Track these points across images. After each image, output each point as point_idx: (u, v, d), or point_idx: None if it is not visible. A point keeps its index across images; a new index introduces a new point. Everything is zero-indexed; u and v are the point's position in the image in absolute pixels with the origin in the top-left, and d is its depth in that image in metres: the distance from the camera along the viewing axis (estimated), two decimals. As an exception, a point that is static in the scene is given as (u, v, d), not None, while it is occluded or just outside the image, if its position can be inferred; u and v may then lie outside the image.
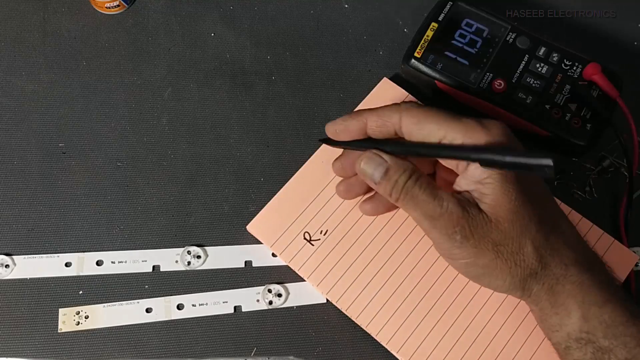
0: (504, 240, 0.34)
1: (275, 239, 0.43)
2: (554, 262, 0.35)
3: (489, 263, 0.35)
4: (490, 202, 0.34)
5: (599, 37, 0.52)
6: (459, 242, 0.34)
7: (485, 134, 0.34)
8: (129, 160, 0.47)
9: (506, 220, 0.34)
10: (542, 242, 0.35)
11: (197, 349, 0.42)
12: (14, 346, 0.41)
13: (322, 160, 0.46)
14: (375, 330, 0.41)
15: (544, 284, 0.35)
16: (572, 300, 0.35)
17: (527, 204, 0.34)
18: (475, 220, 0.34)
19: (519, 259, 0.35)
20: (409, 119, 0.36)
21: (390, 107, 0.38)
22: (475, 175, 0.35)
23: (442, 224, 0.34)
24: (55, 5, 0.51)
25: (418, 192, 0.35)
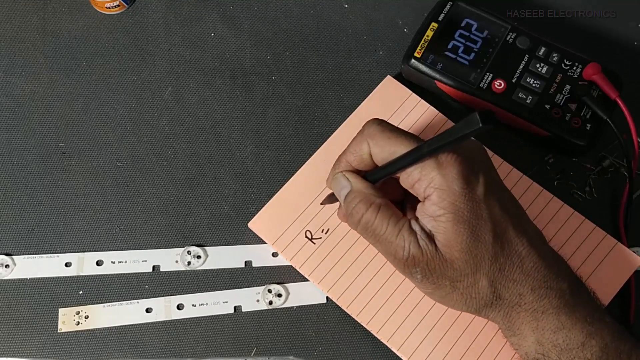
0: (459, 277, 0.35)
1: (276, 236, 0.43)
2: (508, 293, 0.35)
3: (446, 295, 0.36)
4: (444, 240, 0.35)
5: (599, 37, 0.52)
6: (419, 279, 0.36)
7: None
8: (129, 160, 0.47)
9: (460, 259, 0.35)
10: (496, 275, 0.35)
11: (197, 349, 0.42)
12: (14, 346, 0.41)
13: (324, 159, 0.46)
14: (375, 328, 0.41)
15: (500, 312, 0.36)
16: (526, 326, 0.36)
17: (480, 241, 0.35)
18: (432, 261, 0.35)
19: (474, 292, 0.36)
20: (374, 148, 0.37)
21: (356, 139, 0.38)
22: (430, 211, 0.35)
23: (404, 264, 0.36)
24: (55, 5, 0.51)
25: (379, 229, 0.36)
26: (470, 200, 0.34)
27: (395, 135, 0.36)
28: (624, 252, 0.43)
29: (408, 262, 0.35)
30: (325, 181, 0.45)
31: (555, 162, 0.48)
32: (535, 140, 0.47)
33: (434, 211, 0.35)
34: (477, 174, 0.35)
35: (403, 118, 0.47)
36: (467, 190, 0.34)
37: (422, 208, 0.36)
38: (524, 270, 0.35)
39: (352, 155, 0.38)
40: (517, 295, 0.35)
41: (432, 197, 0.35)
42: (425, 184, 0.35)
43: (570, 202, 0.45)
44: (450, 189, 0.34)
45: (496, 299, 0.36)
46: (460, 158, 0.35)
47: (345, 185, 0.38)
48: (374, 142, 0.37)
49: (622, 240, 0.45)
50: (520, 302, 0.35)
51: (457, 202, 0.34)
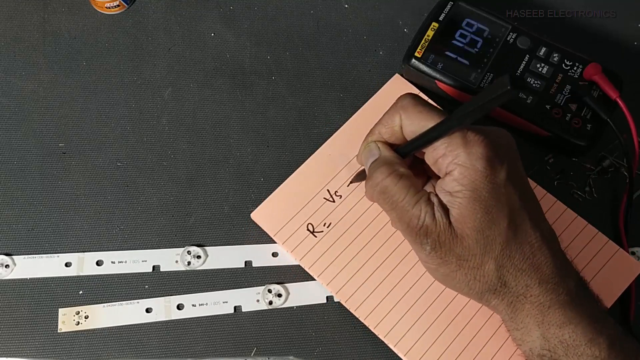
0: (467, 255, 0.35)
1: (278, 228, 0.43)
2: (515, 282, 0.35)
3: (450, 273, 0.36)
4: (457, 216, 0.35)
5: (599, 37, 0.52)
6: (427, 251, 0.36)
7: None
8: (129, 160, 0.47)
9: (470, 237, 0.35)
10: (504, 261, 0.35)
11: (197, 349, 0.42)
12: (14, 346, 0.41)
13: (329, 153, 0.46)
14: (373, 323, 0.41)
15: (503, 300, 0.36)
16: (531, 319, 0.35)
17: (494, 223, 0.35)
18: (444, 234, 0.35)
19: (479, 274, 0.35)
20: (406, 121, 0.37)
21: (389, 111, 0.38)
22: (449, 186, 0.35)
23: (416, 233, 0.36)
24: (55, 5, 0.51)
25: (398, 196, 0.36)
26: (491, 182, 0.35)
27: (427, 110, 0.37)
28: (626, 258, 0.43)
29: (420, 231, 0.36)
30: (329, 176, 0.45)
31: (555, 162, 0.48)
32: (536, 140, 0.47)
33: (453, 187, 0.35)
34: (502, 160, 0.35)
35: None
36: (489, 172, 0.34)
37: (441, 183, 0.36)
38: (534, 262, 0.35)
39: (384, 127, 0.39)
40: (523, 286, 0.35)
41: (453, 172, 0.35)
42: (449, 159, 0.35)
43: (570, 202, 0.45)
44: (473, 167, 0.34)
45: (501, 285, 0.35)
46: (487, 140, 0.35)
47: (375, 154, 0.39)
48: (406, 115, 0.37)
49: (622, 240, 0.45)
50: (526, 294, 0.35)
51: (477, 180, 0.34)
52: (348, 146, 0.46)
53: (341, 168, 0.45)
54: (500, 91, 0.31)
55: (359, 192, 0.45)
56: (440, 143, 0.35)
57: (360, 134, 0.46)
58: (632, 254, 0.45)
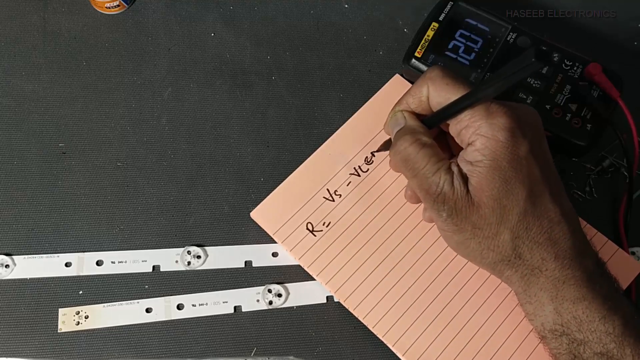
0: (482, 224, 0.36)
1: (278, 227, 0.43)
2: (530, 254, 0.35)
3: (464, 241, 0.37)
4: (476, 184, 0.35)
5: (599, 37, 0.52)
6: (444, 217, 0.36)
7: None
8: (129, 160, 0.47)
9: (487, 206, 0.35)
10: (521, 233, 0.35)
11: (197, 349, 0.42)
12: (14, 346, 0.41)
13: (329, 153, 0.46)
14: (371, 322, 0.41)
15: (517, 271, 0.36)
16: (544, 293, 0.35)
17: (512, 193, 0.35)
18: (461, 202, 0.36)
19: (493, 244, 0.36)
20: (433, 92, 0.38)
21: (418, 82, 0.39)
22: (470, 156, 0.36)
23: (434, 199, 0.36)
24: (55, 5, 0.51)
25: (419, 164, 0.37)
26: (512, 153, 0.35)
27: (454, 82, 0.37)
28: (626, 258, 0.43)
29: (438, 198, 0.36)
30: (328, 175, 0.45)
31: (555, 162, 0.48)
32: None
33: (474, 157, 0.35)
34: (525, 132, 0.35)
35: None
36: (510, 143, 0.35)
37: (463, 154, 0.36)
38: (552, 237, 0.35)
39: (411, 97, 0.39)
40: (539, 259, 0.35)
41: (475, 142, 0.35)
42: (472, 130, 0.35)
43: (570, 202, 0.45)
44: (494, 137, 0.35)
45: (515, 257, 0.36)
46: (510, 112, 0.35)
47: (400, 123, 0.39)
48: (434, 86, 0.37)
49: (622, 240, 0.45)
50: (542, 267, 0.35)
51: (497, 150, 0.35)
52: (348, 146, 0.46)
53: (341, 167, 0.45)
54: (525, 63, 0.31)
55: (358, 191, 0.45)
56: (464, 115, 0.36)
57: (360, 134, 0.46)
58: (632, 253, 0.45)
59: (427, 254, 0.43)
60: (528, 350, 0.41)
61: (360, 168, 0.46)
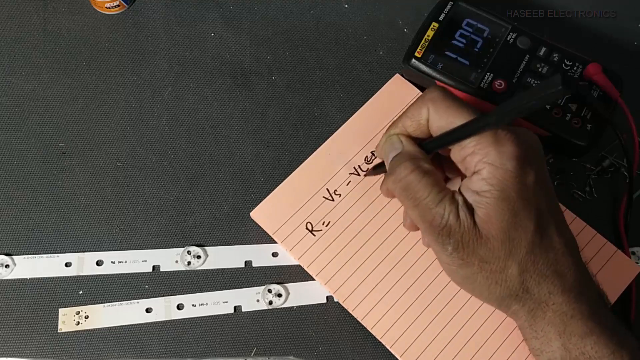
0: (490, 258, 0.34)
1: (277, 226, 0.43)
2: (538, 288, 0.34)
3: (471, 275, 0.35)
4: (483, 216, 0.34)
5: (599, 37, 0.52)
6: (449, 252, 0.34)
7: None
8: (129, 160, 0.47)
9: (496, 239, 0.34)
10: (528, 266, 0.34)
11: (197, 349, 0.42)
12: (14, 346, 0.41)
13: (328, 153, 0.46)
14: (370, 323, 0.41)
15: (524, 306, 0.35)
16: (552, 328, 0.34)
17: (520, 226, 0.34)
18: (467, 235, 0.34)
19: (501, 278, 0.34)
20: (434, 115, 0.35)
21: (416, 104, 0.37)
22: (477, 186, 0.34)
23: (438, 233, 0.34)
24: (55, 5, 0.51)
25: (422, 192, 0.35)
26: (520, 183, 0.33)
27: (456, 105, 0.35)
28: (624, 260, 0.43)
29: (444, 231, 0.34)
30: (328, 175, 0.45)
31: (555, 162, 0.48)
32: (536, 140, 0.47)
33: (481, 186, 0.33)
34: (532, 162, 0.34)
35: None
36: (519, 172, 0.33)
37: (467, 182, 0.34)
38: (558, 270, 0.34)
39: (409, 119, 0.37)
40: (546, 293, 0.34)
41: (482, 171, 0.33)
42: (479, 157, 0.33)
43: (570, 202, 0.45)
44: (503, 166, 0.33)
45: (523, 291, 0.34)
46: (518, 139, 0.33)
47: (397, 147, 0.37)
48: (434, 109, 0.35)
49: (622, 240, 0.45)
50: (549, 301, 0.34)
51: (506, 180, 0.33)
52: (348, 146, 0.46)
53: (341, 167, 0.45)
54: (551, 90, 0.28)
55: (358, 191, 0.45)
56: (470, 140, 0.34)
57: (360, 134, 0.46)
58: (632, 254, 0.45)
59: (426, 254, 0.43)
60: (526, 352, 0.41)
61: (360, 168, 0.46)
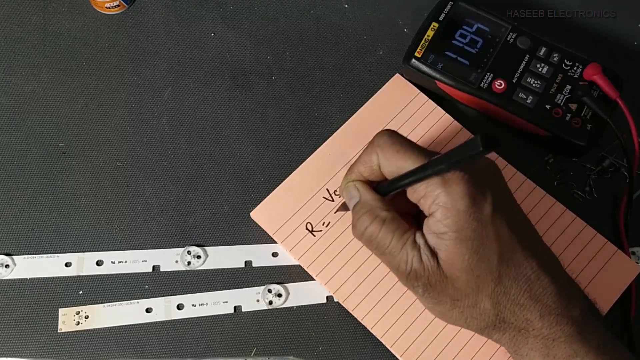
0: (459, 295, 0.35)
1: (277, 226, 0.43)
2: (514, 317, 0.34)
3: (446, 311, 0.36)
4: (445, 258, 0.34)
5: (599, 37, 0.52)
6: (420, 293, 0.36)
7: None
8: (129, 160, 0.47)
9: (461, 279, 0.34)
10: (500, 298, 0.34)
11: (197, 349, 0.42)
12: (14, 346, 0.41)
13: (328, 153, 0.46)
14: (370, 323, 0.41)
15: (504, 334, 0.35)
16: (535, 353, 0.34)
17: (482, 262, 0.34)
18: (433, 277, 0.35)
19: (475, 312, 0.35)
20: (383, 161, 0.36)
21: (367, 150, 0.37)
22: (434, 228, 0.34)
23: (406, 277, 0.36)
24: (55, 5, 0.51)
25: (384, 241, 0.36)
26: (475, 220, 0.33)
27: (404, 150, 0.35)
28: (624, 260, 0.43)
29: (410, 276, 0.35)
30: (328, 175, 0.45)
31: (555, 162, 0.48)
32: (536, 140, 0.47)
33: (438, 228, 0.34)
34: (485, 192, 0.34)
35: (409, 117, 0.47)
36: (472, 210, 0.33)
37: (427, 224, 0.35)
38: (532, 295, 0.34)
39: (362, 165, 0.38)
40: (524, 321, 0.34)
41: (436, 214, 0.34)
42: (430, 200, 0.34)
43: (570, 203, 0.45)
44: (454, 207, 0.33)
45: (499, 322, 0.35)
46: (467, 176, 0.33)
47: (355, 196, 0.38)
48: (383, 155, 0.36)
49: (622, 240, 0.45)
50: (528, 328, 0.34)
51: (460, 221, 0.33)
52: (348, 146, 0.46)
53: (341, 167, 0.45)
54: (473, 151, 0.30)
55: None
56: (419, 184, 0.34)
57: (360, 134, 0.46)
58: (632, 254, 0.45)
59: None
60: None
61: (360, 168, 0.46)
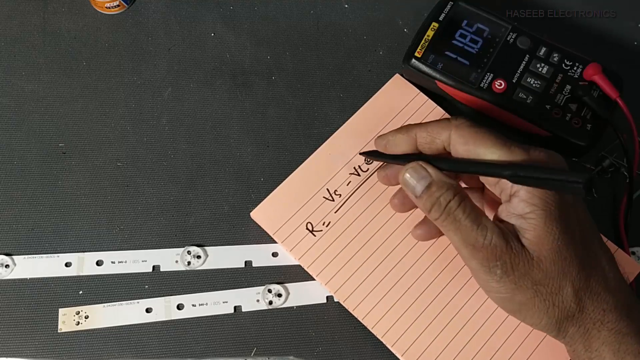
0: (544, 280, 0.33)
1: (278, 227, 0.43)
2: (593, 306, 0.34)
3: (527, 301, 0.34)
4: (532, 238, 0.33)
5: (599, 37, 0.52)
6: (498, 276, 0.34)
7: (524, 154, 0.34)
8: (129, 160, 0.47)
9: (548, 259, 0.33)
10: (582, 284, 0.34)
11: (197, 349, 0.42)
12: (14, 346, 0.41)
13: (329, 153, 0.46)
14: (371, 323, 0.41)
15: (580, 327, 0.34)
16: (607, 347, 0.34)
17: (570, 244, 0.33)
18: (517, 257, 0.33)
19: (558, 300, 0.34)
20: (458, 139, 0.36)
21: (439, 123, 0.37)
22: (518, 209, 0.33)
23: (483, 255, 0.33)
24: (55, 5, 0.51)
25: (461, 216, 0.34)
26: (561, 200, 0.33)
27: (484, 132, 0.35)
28: (625, 259, 0.43)
29: (489, 251, 0.33)
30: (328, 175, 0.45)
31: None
32: (536, 140, 0.47)
33: (523, 208, 0.33)
34: None
35: (409, 117, 0.47)
36: (557, 192, 0.33)
37: (506, 207, 0.34)
38: (608, 286, 0.34)
39: (426, 133, 0.37)
40: (601, 311, 0.34)
41: (519, 193, 0.33)
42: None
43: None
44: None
45: (579, 311, 0.34)
46: (549, 158, 0.34)
47: (425, 176, 0.36)
48: (460, 134, 0.35)
49: (622, 240, 0.45)
50: (604, 320, 0.34)
51: (548, 199, 0.33)
52: (348, 146, 0.46)
53: (341, 167, 0.45)
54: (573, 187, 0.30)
55: (358, 191, 0.45)
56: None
57: (360, 134, 0.46)
58: (632, 254, 0.45)
59: (427, 254, 0.43)
60: (529, 351, 0.41)
61: (360, 168, 0.46)
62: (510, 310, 0.36)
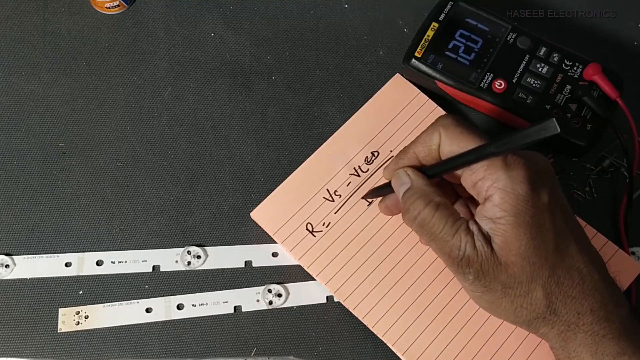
0: (512, 283, 0.34)
1: (278, 227, 0.44)
2: (565, 309, 0.34)
3: (495, 300, 0.35)
4: (501, 243, 0.34)
5: (599, 37, 0.52)
6: (470, 281, 0.35)
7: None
8: (129, 160, 0.47)
9: (516, 265, 0.34)
10: (553, 288, 0.34)
11: (197, 349, 0.42)
12: (14, 346, 0.41)
13: (329, 153, 0.46)
14: (371, 322, 0.41)
15: (553, 328, 0.35)
16: (584, 349, 0.34)
17: (539, 249, 0.34)
18: (486, 263, 0.34)
19: (526, 302, 0.34)
20: (445, 140, 0.36)
21: (428, 130, 0.37)
22: (490, 213, 0.34)
23: (457, 264, 0.35)
24: (55, 5, 0.51)
25: (436, 228, 0.35)
26: (534, 206, 0.33)
27: (468, 131, 0.35)
28: (625, 259, 0.43)
29: (462, 262, 0.34)
30: (328, 175, 0.45)
31: (555, 162, 0.48)
32: (536, 140, 0.47)
33: (494, 213, 0.34)
34: (543, 184, 0.34)
35: (409, 117, 0.47)
36: (531, 195, 0.33)
37: (481, 210, 0.35)
38: (584, 288, 0.34)
39: (421, 145, 0.37)
40: (575, 314, 0.34)
41: (493, 197, 0.34)
42: (489, 183, 0.34)
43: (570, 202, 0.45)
44: (514, 191, 0.33)
45: (551, 313, 0.34)
46: (528, 163, 0.34)
47: (406, 182, 0.37)
48: (446, 134, 0.36)
49: (622, 240, 0.45)
50: (579, 322, 0.34)
51: (519, 205, 0.33)
52: (348, 146, 0.46)
53: (341, 168, 0.45)
54: (549, 133, 0.30)
55: (358, 191, 0.45)
56: (480, 165, 0.34)
57: (360, 134, 0.46)
58: (632, 254, 0.45)
59: (427, 253, 0.43)
60: (528, 350, 0.41)
61: (360, 168, 0.46)
62: (482, 307, 0.37)
